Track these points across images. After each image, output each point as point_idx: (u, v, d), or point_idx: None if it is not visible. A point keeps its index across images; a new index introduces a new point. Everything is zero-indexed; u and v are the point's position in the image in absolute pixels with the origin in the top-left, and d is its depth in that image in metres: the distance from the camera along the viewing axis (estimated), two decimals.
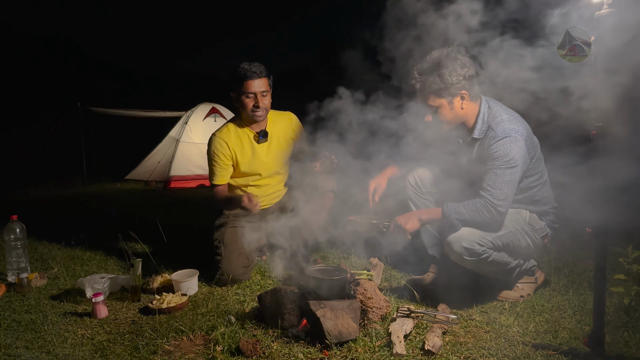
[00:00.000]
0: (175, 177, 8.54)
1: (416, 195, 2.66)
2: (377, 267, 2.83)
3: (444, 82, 2.22)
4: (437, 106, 2.28)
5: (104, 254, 3.52)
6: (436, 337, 1.87)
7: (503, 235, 2.25)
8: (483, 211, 2.18)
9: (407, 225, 2.28)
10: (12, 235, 2.96)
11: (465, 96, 2.27)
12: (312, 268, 2.31)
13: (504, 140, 2.18)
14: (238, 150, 2.95)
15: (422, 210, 2.40)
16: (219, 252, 2.82)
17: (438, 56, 2.26)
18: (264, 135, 2.96)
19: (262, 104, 2.81)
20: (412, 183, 2.67)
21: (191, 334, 2.05)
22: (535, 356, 1.78)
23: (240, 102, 2.84)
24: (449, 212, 2.22)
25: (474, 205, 2.20)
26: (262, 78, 2.80)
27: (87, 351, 1.94)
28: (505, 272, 2.35)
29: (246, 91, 2.78)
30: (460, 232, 2.21)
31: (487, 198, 2.18)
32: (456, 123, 2.35)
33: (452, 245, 2.20)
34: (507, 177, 2.17)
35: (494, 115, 2.29)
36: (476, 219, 2.20)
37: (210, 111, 9.18)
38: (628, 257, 2.21)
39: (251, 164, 2.99)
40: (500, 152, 2.18)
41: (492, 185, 2.17)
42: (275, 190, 3.17)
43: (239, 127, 2.98)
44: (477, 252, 2.18)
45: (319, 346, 1.87)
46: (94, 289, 2.50)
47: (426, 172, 2.66)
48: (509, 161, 2.16)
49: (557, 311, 2.21)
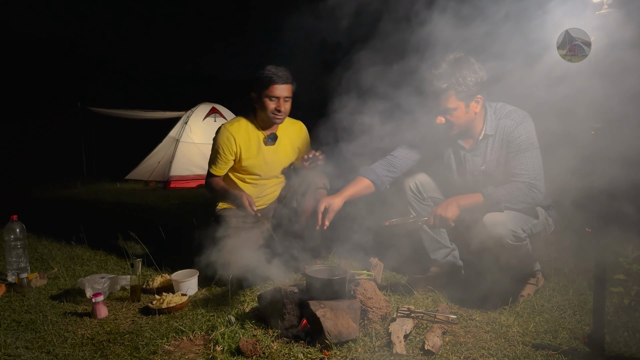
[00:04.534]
0: (175, 177, 8.54)
1: (416, 201, 2.62)
2: (377, 267, 2.83)
3: (466, 84, 2.20)
4: (454, 108, 2.25)
5: (104, 254, 3.52)
6: (436, 337, 1.87)
7: (537, 223, 2.27)
8: (526, 192, 2.16)
9: (448, 213, 2.16)
10: (12, 235, 2.95)
11: (480, 100, 2.28)
12: (312, 268, 2.31)
13: (524, 124, 2.25)
14: (244, 146, 2.99)
15: (460, 196, 2.24)
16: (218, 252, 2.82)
17: (456, 58, 2.23)
18: (272, 138, 3.03)
19: (284, 109, 2.89)
20: (412, 188, 2.62)
21: (191, 334, 2.05)
22: (535, 356, 1.78)
23: (262, 103, 2.90)
24: (494, 195, 2.16)
25: (515, 187, 2.18)
26: (287, 84, 2.87)
27: (87, 351, 1.93)
28: (525, 266, 2.35)
29: (271, 94, 2.84)
30: (503, 216, 2.15)
31: (524, 181, 2.18)
32: (465, 127, 2.34)
33: (496, 227, 2.13)
34: (536, 158, 2.21)
35: (499, 109, 2.35)
36: (521, 201, 2.16)
37: (210, 111, 9.19)
38: (628, 257, 2.22)
39: (254, 163, 3.03)
40: (523, 136, 2.23)
41: (526, 168, 2.19)
42: (271, 192, 3.21)
43: (250, 125, 3.03)
44: (521, 237, 2.15)
45: (319, 346, 1.87)
46: (94, 289, 2.50)
47: (426, 177, 2.63)
48: (532, 143, 2.23)
49: (557, 311, 2.21)
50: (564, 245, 3.10)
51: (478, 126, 2.36)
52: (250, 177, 3.10)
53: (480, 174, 2.41)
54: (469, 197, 2.23)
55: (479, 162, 2.40)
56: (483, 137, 2.35)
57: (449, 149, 2.50)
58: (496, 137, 2.32)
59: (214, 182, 3.04)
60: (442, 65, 2.24)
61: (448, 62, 2.23)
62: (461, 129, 2.34)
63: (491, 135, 2.33)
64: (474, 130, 2.37)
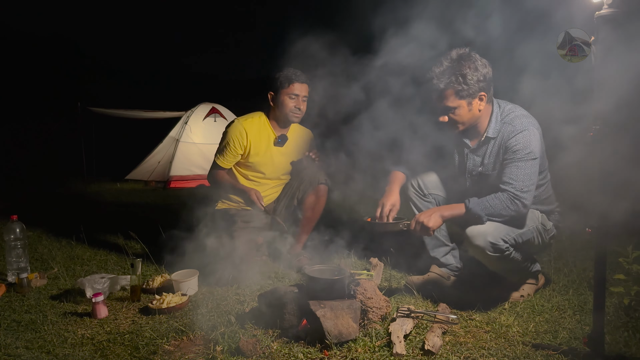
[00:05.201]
0: (175, 177, 8.54)
1: (418, 198, 2.62)
2: (377, 267, 2.83)
3: (466, 83, 2.18)
4: (455, 107, 2.24)
5: (104, 254, 3.52)
6: (436, 337, 1.87)
7: (524, 232, 2.24)
8: (508, 204, 2.15)
9: (430, 222, 2.17)
10: (12, 235, 2.95)
11: (484, 98, 2.25)
12: (312, 268, 2.31)
13: (524, 133, 2.20)
14: (254, 142, 3.05)
15: (444, 207, 2.28)
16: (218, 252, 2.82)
17: (458, 56, 2.22)
18: (282, 139, 3.11)
19: (302, 107, 3.01)
20: (414, 185, 2.63)
21: (191, 334, 2.05)
22: (535, 356, 1.78)
23: (281, 101, 2.99)
24: (474, 207, 2.16)
25: (498, 199, 2.16)
26: (306, 84, 3.01)
27: (87, 351, 1.93)
28: (516, 271, 2.34)
29: (291, 92, 2.96)
30: (485, 227, 2.15)
31: (510, 191, 2.16)
32: (470, 125, 2.32)
33: (475, 239, 2.14)
34: (529, 170, 2.17)
35: (507, 113, 2.31)
36: (502, 213, 2.15)
37: (210, 111, 9.18)
38: (628, 257, 2.22)
39: (261, 160, 3.08)
40: (521, 145, 2.19)
41: (515, 178, 2.16)
42: (272, 192, 3.24)
43: (263, 123, 3.11)
44: (501, 249, 2.14)
45: (319, 346, 1.87)
46: (94, 289, 2.50)
47: (429, 174, 2.63)
48: (529, 153, 2.17)
49: (557, 311, 2.21)
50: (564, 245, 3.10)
51: (484, 125, 2.34)
52: (254, 175, 3.13)
53: (477, 175, 2.41)
54: (452, 208, 2.24)
55: (478, 163, 2.39)
56: (485, 138, 2.34)
57: (454, 145, 2.49)
58: (497, 141, 2.30)
59: (220, 174, 3.08)
60: (444, 63, 2.23)
61: (449, 60, 2.22)
62: (467, 126, 2.32)
63: (493, 138, 2.31)
64: (480, 129, 2.35)
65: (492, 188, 2.25)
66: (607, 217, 1.60)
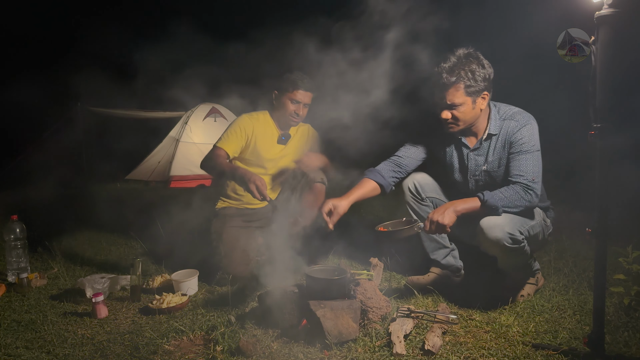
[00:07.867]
0: (176, 177, 8.54)
1: (416, 202, 2.59)
2: (377, 267, 2.83)
3: (475, 79, 2.20)
4: (461, 104, 2.24)
5: (104, 254, 3.52)
6: (436, 337, 1.87)
7: (535, 225, 2.26)
8: (522, 195, 2.17)
9: (445, 220, 2.11)
10: (12, 235, 2.96)
11: (486, 97, 2.28)
12: (312, 268, 2.31)
13: (528, 127, 2.26)
14: (260, 136, 3.07)
15: (456, 201, 2.20)
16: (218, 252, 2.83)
17: (465, 53, 2.24)
18: (286, 137, 3.13)
19: (302, 113, 3.02)
20: (410, 189, 2.59)
21: (191, 334, 2.05)
22: (535, 356, 1.78)
23: (282, 103, 3.01)
24: (490, 199, 2.14)
25: (512, 189, 2.18)
26: (310, 92, 3.00)
27: (87, 351, 1.94)
28: (522, 267, 2.35)
29: (294, 98, 2.97)
30: (500, 219, 2.14)
31: (522, 183, 2.19)
32: (468, 125, 2.33)
33: (492, 230, 2.12)
34: (536, 161, 2.23)
35: (504, 110, 2.36)
36: (517, 204, 2.16)
37: (210, 111, 9.17)
38: (628, 257, 2.22)
39: (265, 155, 3.09)
40: (527, 138, 2.24)
41: (525, 170, 2.20)
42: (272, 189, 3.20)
43: (268, 120, 3.14)
44: (519, 240, 2.14)
45: (319, 346, 1.87)
46: (94, 289, 2.50)
47: (425, 177, 2.62)
48: (534, 145, 2.24)
49: (557, 311, 2.21)
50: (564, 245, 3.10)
51: (482, 125, 2.36)
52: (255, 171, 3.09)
53: (481, 174, 2.41)
54: (466, 202, 2.19)
55: (481, 162, 2.39)
56: (487, 136, 2.34)
57: (451, 147, 2.49)
58: (499, 138, 2.32)
59: (218, 157, 2.94)
60: (452, 59, 2.24)
61: (457, 57, 2.23)
62: (466, 125, 2.33)
63: (495, 135, 2.33)
64: (478, 129, 2.37)
65: (497, 186, 2.26)
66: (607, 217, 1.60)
